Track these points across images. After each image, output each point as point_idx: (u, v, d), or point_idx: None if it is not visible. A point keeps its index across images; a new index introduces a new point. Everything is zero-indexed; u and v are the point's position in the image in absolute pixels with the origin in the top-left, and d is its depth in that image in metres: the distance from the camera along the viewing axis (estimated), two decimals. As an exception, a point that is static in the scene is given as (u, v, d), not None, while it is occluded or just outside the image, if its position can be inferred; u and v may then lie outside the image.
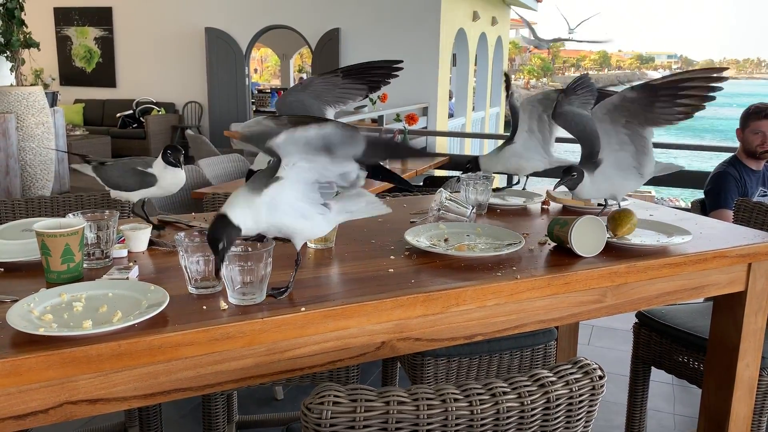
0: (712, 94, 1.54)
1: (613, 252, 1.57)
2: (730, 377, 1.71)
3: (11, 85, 5.97)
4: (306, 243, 1.58)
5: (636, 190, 1.88)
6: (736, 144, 3.19)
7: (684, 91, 1.55)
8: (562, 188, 1.79)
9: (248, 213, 1.19)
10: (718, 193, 3.03)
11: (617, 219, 1.63)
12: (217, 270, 1.17)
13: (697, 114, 1.60)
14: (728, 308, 1.71)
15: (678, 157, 15.72)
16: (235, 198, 1.21)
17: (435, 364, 1.92)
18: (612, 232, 1.63)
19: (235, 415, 2.36)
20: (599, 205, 2.00)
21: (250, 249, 1.24)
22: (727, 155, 3.22)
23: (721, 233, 1.78)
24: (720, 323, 1.74)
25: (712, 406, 1.79)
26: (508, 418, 0.94)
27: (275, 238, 1.29)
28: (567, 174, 1.74)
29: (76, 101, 10.81)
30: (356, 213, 1.37)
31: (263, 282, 1.22)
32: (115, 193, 1.68)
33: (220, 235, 1.15)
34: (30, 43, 5.84)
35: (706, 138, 27.38)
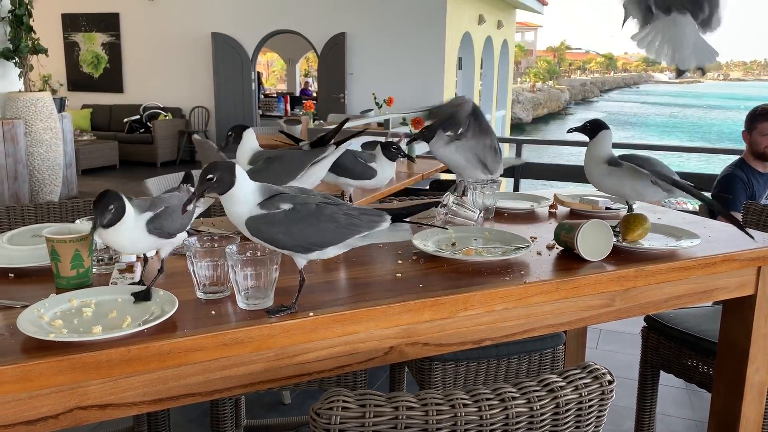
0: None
1: (622, 256, 1.56)
2: (739, 381, 1.70)
3: (20, 90, 6.00)
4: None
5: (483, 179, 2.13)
6: (743, 146, 3.17)
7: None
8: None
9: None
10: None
11: (630, 223, 1.62)
12: (186, 203, 1.17)
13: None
14: (738, 312, 1.70)
15: (690, 159, 15.69)
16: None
17: (443, 368, 1.92)
18: (623, 236, 1.62)
19: (243, 420, 2.36)
20: (607, 209, 2.00)
21: (259, 254, 1.24)
22: (735, 157, 3.20)
23: (729, 236, 1.77)
24: (729, 327, 1.73)
25: (722, 410, 1.78)
26: (517, 423, 0.94)
27: None
28: (426, 128, 2.11)
29: (84, 107, 10.87)
30: (374, 237, 1.29)
31: (271, 287, 1.22)
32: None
33: (220, 173, 1.15)
34: (38, 49, 5.88)
35: (712, 140, 27.28)
